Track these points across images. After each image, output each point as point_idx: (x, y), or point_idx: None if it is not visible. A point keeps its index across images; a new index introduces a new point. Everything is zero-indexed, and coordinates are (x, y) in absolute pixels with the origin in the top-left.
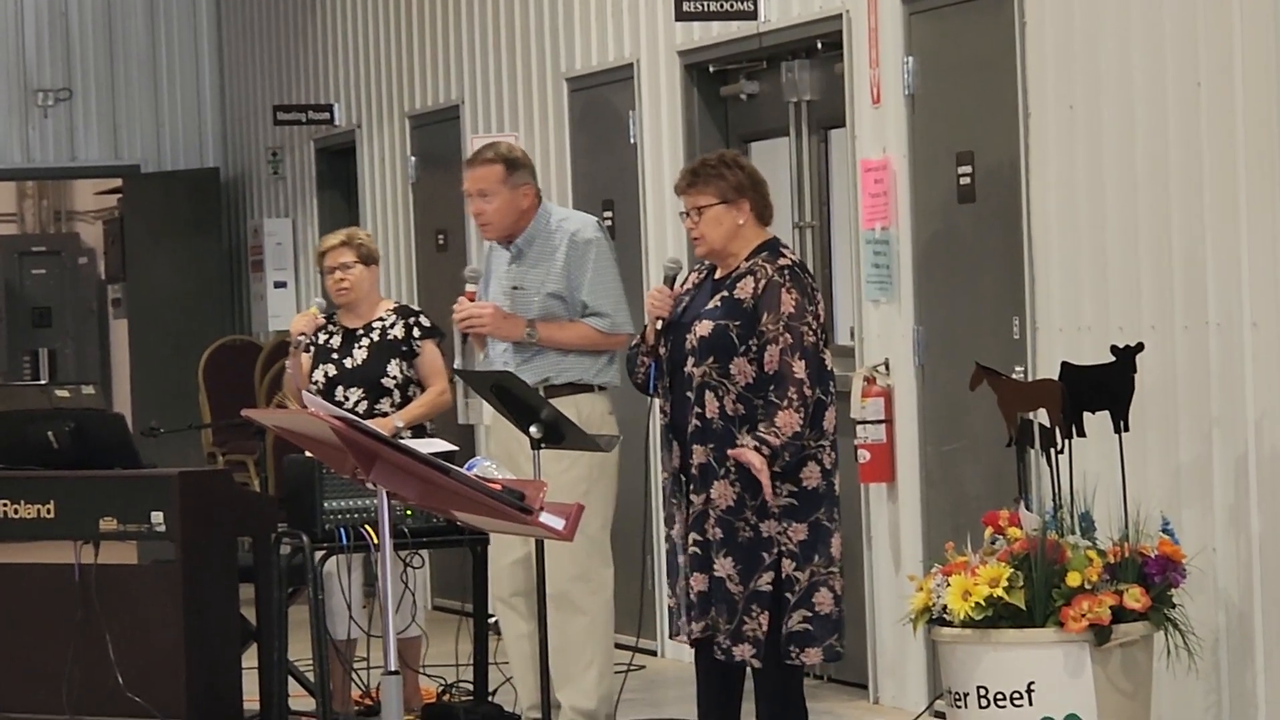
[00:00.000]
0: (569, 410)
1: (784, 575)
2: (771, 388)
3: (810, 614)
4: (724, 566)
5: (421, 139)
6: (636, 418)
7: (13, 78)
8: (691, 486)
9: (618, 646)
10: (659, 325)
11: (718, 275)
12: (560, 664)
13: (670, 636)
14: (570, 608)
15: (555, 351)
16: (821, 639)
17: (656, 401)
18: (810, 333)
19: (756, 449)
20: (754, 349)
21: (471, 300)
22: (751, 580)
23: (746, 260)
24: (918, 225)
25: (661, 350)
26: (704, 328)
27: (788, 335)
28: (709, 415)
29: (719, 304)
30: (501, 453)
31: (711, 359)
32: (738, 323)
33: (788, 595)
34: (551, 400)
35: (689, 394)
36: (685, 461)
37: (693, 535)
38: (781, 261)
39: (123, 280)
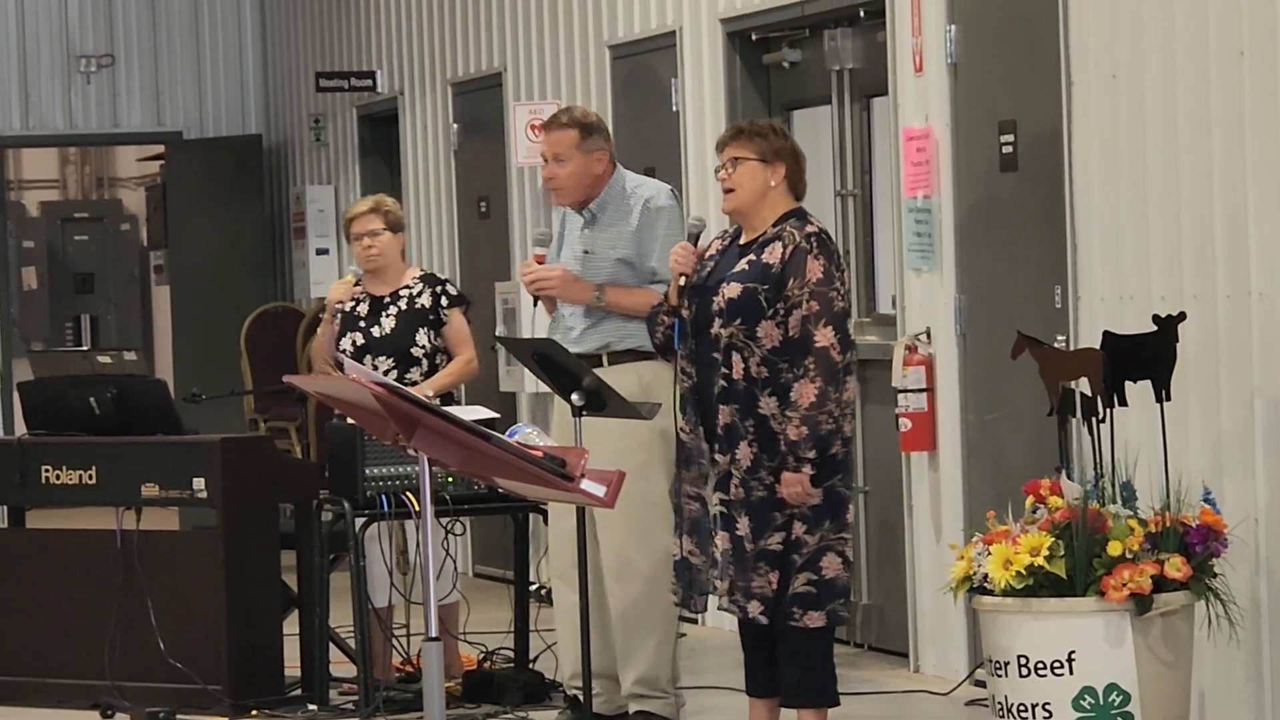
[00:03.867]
0: (629, 377)
1: (794, 537)
2: (795, 354)
3: (815, 577)
4: (742, 525)
5: (464, 106)
6: None
7: (56, 44)
8: (717, 447)
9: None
10: (681, 283)
11: (743, 240)
12: (622, 632)
13: (694, 596)
14: (632, 575)
15: (620, 317)
16: (825, 602)
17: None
18: (839, 298)
19: (790, 465)
20: (781, 313)
21: (540, 263)
22: (761, 538)
23: (774, 226)
24: (960, 194)
25: (685, 312)
26: (732, 290)
27: (814, 302)
28: (735, 376)
29: (747, 267)
30: (562, 421)
31: (739, 320)
32: (765, 286)
33: (795, 557)
34: (613, 366)
35: (715, 355)
36: (711, 423)
37: (719, 495)
38: (809, 229)
39: (165, 247)
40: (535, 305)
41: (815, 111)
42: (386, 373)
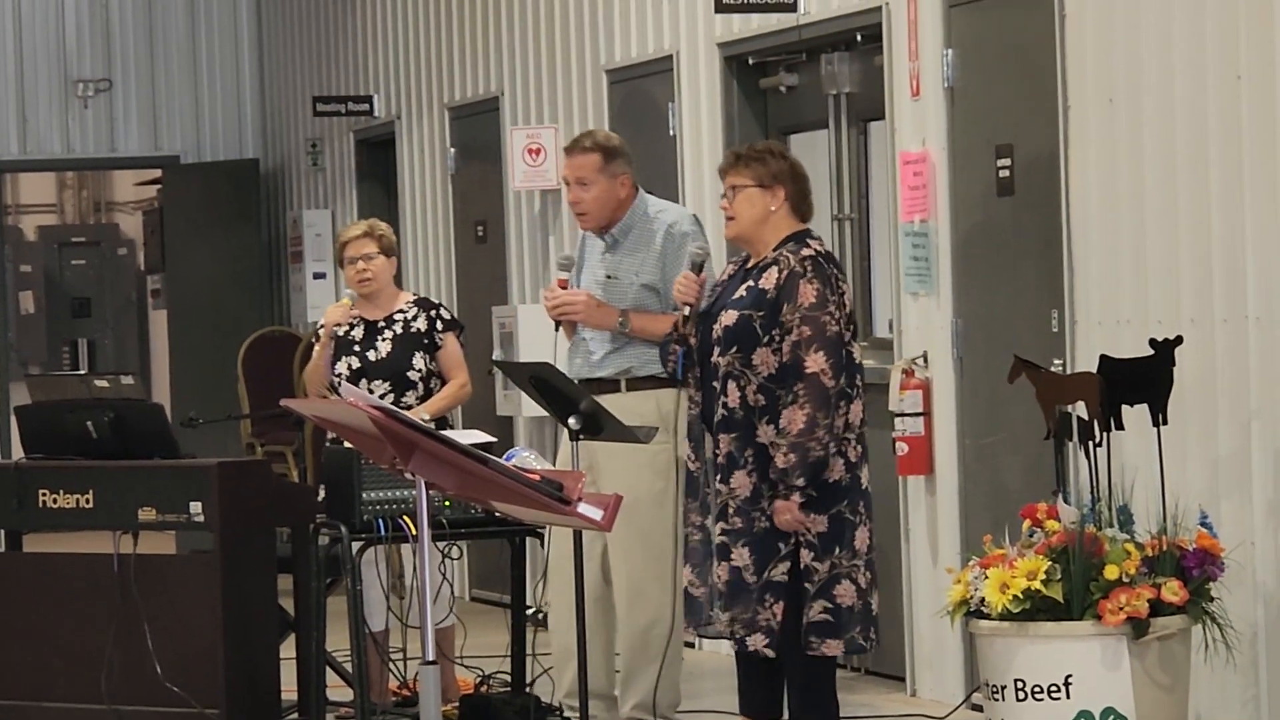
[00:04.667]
0: (649, 404)
1: (802, 566)
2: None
3: (831, 605)
4: (741, 556)
5: (461, 130)
6: None
7: (53, 68)
8: (719, 476)
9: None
10: (686, 312)
11: (749, 265)
12: (628, 656)
13: (695, 628)
14: (643, 601)
15: (644, 343)
16: (843, 630)
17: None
18: (833, 322)
19: (780, 493)
20: (777, 339)
21: (564, 287)
22: (766, 570)
23: (774, 250)
24: (957, 218)
25: (692, 340)
26: (729, 318)
27: (805, 328)
28: (732, 405)
29: (745, 293)
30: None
31: (735, 349)
32: (761, 313)
33: (806, 585)
34: (633, 392)
35: (715, 383)
36: (716, 451)
37: (720, 525)
38: (805, 252)
39: (162, 271)
40: (556, 330)
41: (812, 136)
42: (382, 397)
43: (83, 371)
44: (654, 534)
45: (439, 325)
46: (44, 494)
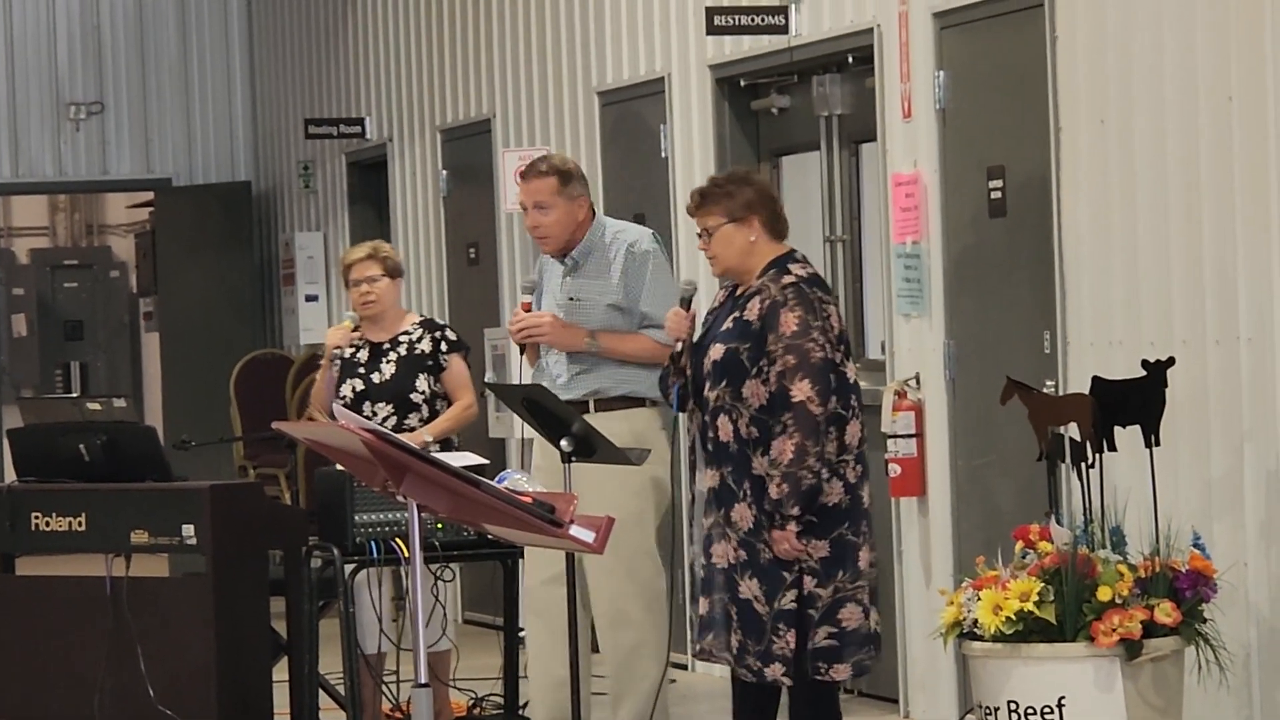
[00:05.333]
0: (621, 424)
1: (805, 592)
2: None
3: (836, 629)
4: (749, 588)
5: (453, 153)
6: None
7: (45, 91)
8: (704, 510)
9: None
10: (679, 348)
11: (737, 293)
12: (614, 678)
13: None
14: (625, 622)
15: (612, 364)
16: (850, 654)
17: (683, 420)
18: (817, 348)
19: (776, 524)
20: (765, 370)
21: (527, 310)
22: (776, 600)
23: (759, 278)
24: (949, 239)
25: (688, 371)
26: (716, 351)
27: (789, 357)
28: (723, 438)
29: (731, 325)
30: (548, 467)
31: (724, 383)
32: (747, 345)
33: (810, 612)
34: (604, 414)
35: (707, 417)
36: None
37: (716, 556)
38: (786, 279)
39: (154, 293)
40: (521, 354)
41: (804, 157)
42: (386, 419)
43: (75, 394)
44: (634, 556)
45: (444, 346)
46: (36, 517)
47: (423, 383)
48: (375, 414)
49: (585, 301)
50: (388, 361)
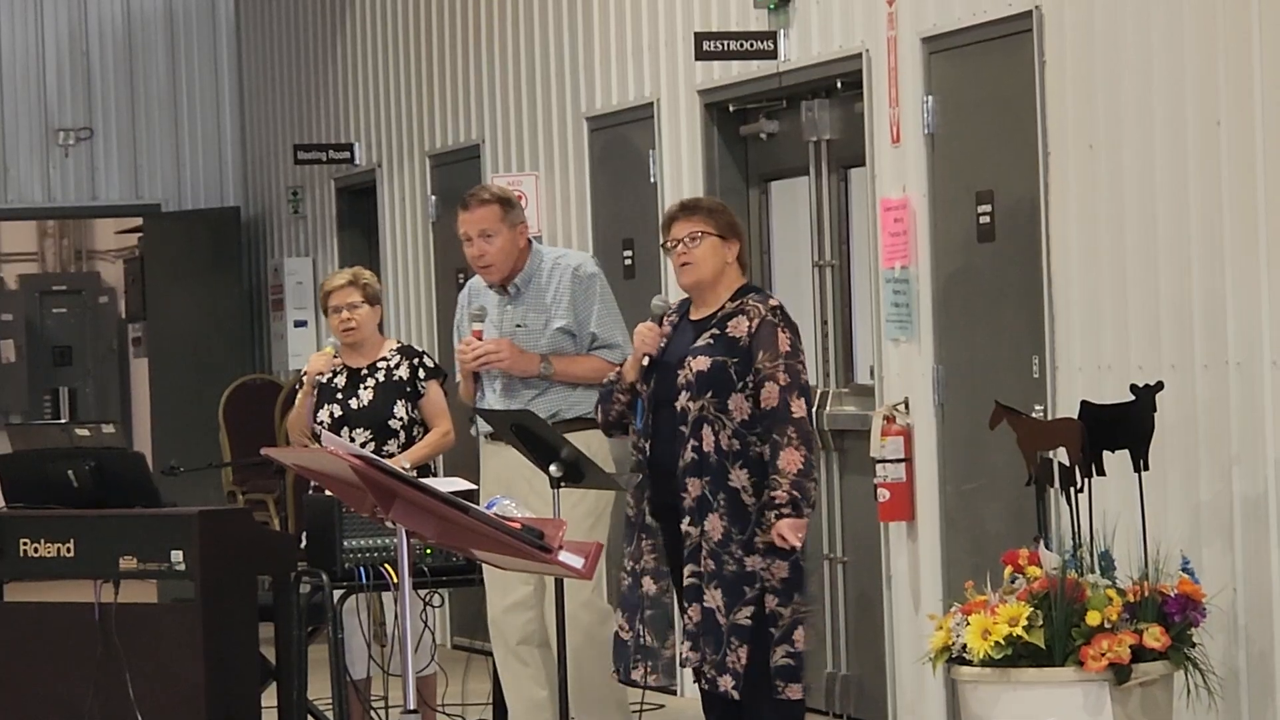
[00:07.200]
0: (579, 446)
1: (768, 610)
2: (768, 425)
3: (792, 649)
4: (714, 598)
5: (442, 178)
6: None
7: (34, 117)
8: (689, 520)
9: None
10: (645, 362)
11: (695, 316)
12: (577, 701)
13: (628, 672)
14: (583, 642)
15: (564, 386)
16: (800, 675)
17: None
18: (804, 370)
19: (779, 515)
20: (750, 386)
21: (479, 338)
22: (732, 613)
23: (733, 301)
24: (937, 264)
25: (641, 388)
26: (701, 363)
27: (785, 375)
28: (705, 449)
29: (712, 341)
30: (492, 479)
31: (710, 394)
32: (735, 359)
33: (771, 630)
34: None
35: (682, 428)
36: (678, 496)
37: (690, 567)
38: (772, 303)
39: (143, 319)
40: (457, 382)
41: (793, 182)
42: (364, 445)
43: (64, 420)
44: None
45: (421, 373)
46: (25, 543)
47: (401, 409)
48: (353, 440)
49: (531, 327)
50: (365, 388)
